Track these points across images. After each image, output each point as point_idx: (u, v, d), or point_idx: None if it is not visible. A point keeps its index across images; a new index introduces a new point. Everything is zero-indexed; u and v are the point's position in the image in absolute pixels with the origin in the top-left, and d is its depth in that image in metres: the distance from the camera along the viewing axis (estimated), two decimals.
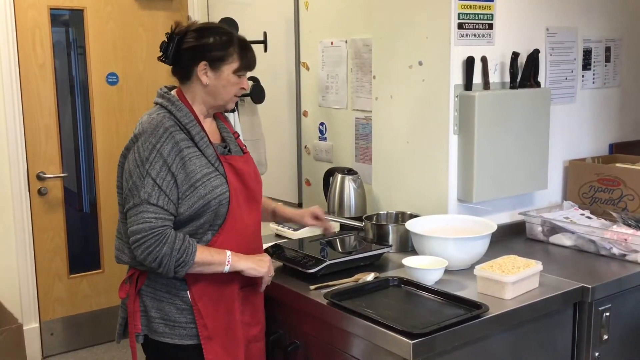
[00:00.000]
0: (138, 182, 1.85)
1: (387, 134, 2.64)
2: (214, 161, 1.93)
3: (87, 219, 4.15)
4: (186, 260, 1.83)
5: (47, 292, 3.89)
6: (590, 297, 2.04)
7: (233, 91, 1.98)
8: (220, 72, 1.94)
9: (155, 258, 1.83)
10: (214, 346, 1.94)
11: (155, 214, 1.84)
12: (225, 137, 2.06)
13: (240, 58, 1.96)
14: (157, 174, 1.85)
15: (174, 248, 1.82)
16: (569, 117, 2.76)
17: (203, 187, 1.88)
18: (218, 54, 1.93)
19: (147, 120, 1.92)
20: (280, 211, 2.33)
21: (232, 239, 1.95)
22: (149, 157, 1.85)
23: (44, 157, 3.82)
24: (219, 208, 1.91)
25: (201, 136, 1.94)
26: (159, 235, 1.83)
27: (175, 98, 1.97)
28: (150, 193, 1.84)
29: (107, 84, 3.98)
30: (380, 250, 2.26)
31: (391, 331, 1.71)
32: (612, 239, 2.31)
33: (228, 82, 1.96)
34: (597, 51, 2.83)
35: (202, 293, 1.93)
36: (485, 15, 2.40)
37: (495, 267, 1.98)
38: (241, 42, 1.98)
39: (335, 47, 3.15)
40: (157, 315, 1.95)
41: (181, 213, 1.88)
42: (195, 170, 1.88)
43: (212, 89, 1.96)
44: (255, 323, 2.06)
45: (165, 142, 1.86)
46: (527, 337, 1.97)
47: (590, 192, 2.67)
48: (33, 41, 3.73)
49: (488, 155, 2.38)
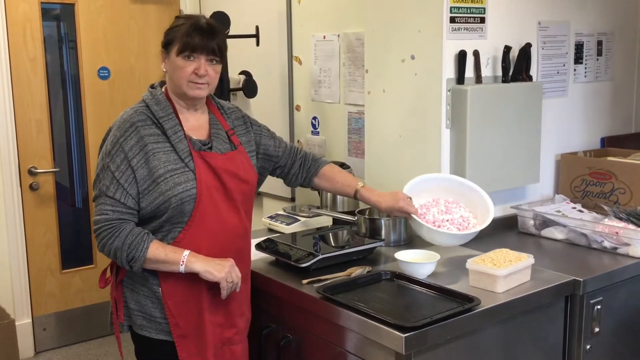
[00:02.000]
0: (100, 174, 1.89)
1: (380, 128, 2.64)
2: (184, 157, 1.90)
3: (79, 214, 4.14)
4: (136, 255, 1.83)
5: (39, 287, 3.88)
6: (581, 290, 2.05)
7: (183, 75, 1.91)
8: (170, 56, 1.93)
9: (109, 250, 1.86)
10: (188, 345, 1.93)
11: (112, 206, 1.85)
12: (213, 133, 2.01)
13: (182, 39, 1.89)
14: (117, 168, 1.86)
15: (124, 242, 1.83)
16: (561, 111, 2.77)
17: (164, 183, 1.85)
18: (168, 39, 1.94)
19: (121, 114, 1.95)
20: (365, 195, 2.20)
21: (202, 237, 1.90)
22: (111, 151, 1.88)
23: (35, 152, 3.81)
24: (182, 205, 1.87)
25: (175, 130, 1.91)
26: (112, 228, 1.85)
27: (159, 92, 1.97)
28: (108, 186, 1.86)
29: (99, 78, 3.96)
30: (372, 244, 2.26)
31: (383, 325, 1.72)
32: (603, 232, 2.32)
33: (175, 65, 1.92)
34: (589, 45, 2.83)
35: (173, 292, 1.91)
36: (477, 9, 2.40)
37: (487, 260, 1.99)
38: (194, 27, 1.90)
39: (328, 41, 3.15)
40: (135, 308, 1.96)
41: (143, 208, 1.87)
42: (158, 166, 1.86)
43: (169, 75, 1.96)
44: (229, 325, 2.00)
45: (130, 136, 1.87)
46: (518, 330, 1.98)
47: (582, 185, 2.68)
48: (24, 35, 3.70)
49: (480, 148, 2.38)
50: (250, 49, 3.38)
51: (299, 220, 2.67)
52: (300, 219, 2.67)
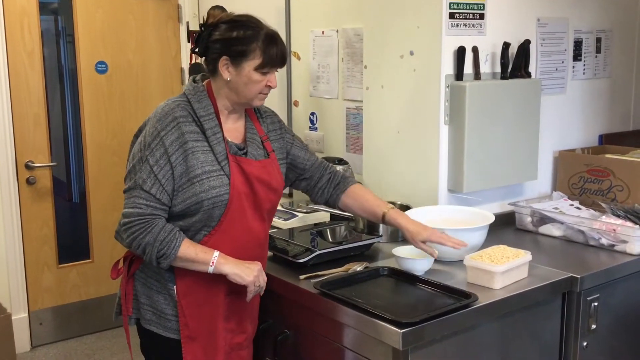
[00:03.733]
0: (137, 166, 1.84)
1: (378, 124, 2.63)
2: (221, 159, 1.87)
3: (76, 209, 4.13)
4: (167, 253, 1.81)
5: (36, 281, 3.87)
6: (578, 287, 2.05)
7: (256, 89, 1.89)
8: (241, 68, 1.86)
9: (138, 245, 1.82)
10: (195, 347, 1.92)
11: (146, 200, 1.82)
12: (249, 138, 1.97)
13: (262, 54, 1.85)
14: (156, 162, 1.82)
15: (157, 239, 1.80)
16: (559, 108, 2.77)
17: (200, 184, 1.83)
18: (239, 49, 1.85)
19: (162, 106, 1.90)
20: (392, 218, 2.07)
21: (226, 243, 1.88)
22: (151, 144, 1.83)
23: (32, 146, 3.79)
24: (212, 209, 1.85)
25: (214, 131, 1.88)
26: (145, 223, 1.81)
27: (202, 88, 1.92)
28: (145, 179, 1.82)
29: (97, 73, 3.95)
30: (370, 240, 2.26)
31: (381, 320, 1.72)
32: (600, 229, 2.33)
33: (249, 79, 1.87)
34: (588, 42, 2.83)
35: (188, 291, 1.90)
36: (476, 5, 2.39)
37: (485, 256, 1.99)
38: (267, 38, 1.87)
39: (327, 37, 3.14)
40: (146, 302, 1.95)
41: (174, 205, 1.85)
42: (195, 165, 1.83)
43: (234, 85, 1.89)
44: (240, 331, 2.00)
45: (171, 131, 1.83)
46: (515, 326, 1.98)
47: (580, 182, 2.68)
48: (21, 28, 3.69)
49: (478, 145, 2.38)
50: None
51: (297, 215, 2.67)
52: (298, 215, 2.67)
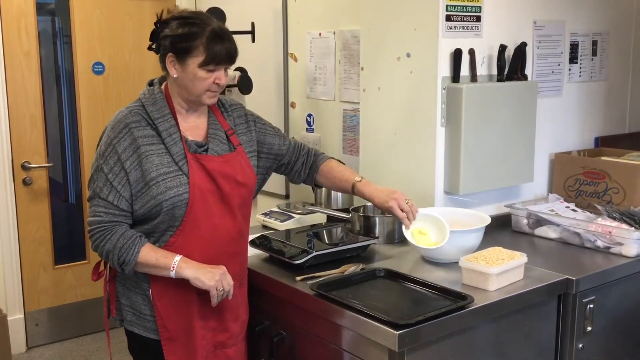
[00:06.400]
0: (94, 175, 1.87)
1: (375, 125, 2.64)
2: (179, 159, 1.86)
3: (72, 210, 4.13)
4: (127, 259, 1.82)
5: (31, 282, 3.87)
6: (574, 289, 2.05)
7: (203, 86, 1.86)
8: (186, 65, 1.84)
9: (101, 252, 1.86)
10: (175, 347, 1.92)
11: (105, 208, 1.84)
12: (211, 134, 1.95)
13: (205, 51, 1.82)
14: (110, 170, 1.84)
15: (116, 245, 1.82)
16: (556, 110, 2.77)
17: (156, 187, 1.82)
18: (183, 46, 1.83)
19: (116, 113, 1.91)
20: (361, 189, 2.11)
21: (194, 242, 1.88)
22: (104, 152, 1.86)
23: (29, 147, 3.79)
24: (173, 210, 1.84)
25: (170, 132, 1.87)
26: (105, 230, 1.84)
27: (157, 90, 1.92)
28: (102, 188, 1.84)
29: (93, 74, 3.95)
30: (367, 241, 2.26)
31: (377, 322, 1.72)
32: (596, 231, 2.33)
33: (195, 76, 1.84)
34: (584, 45, 2.84)
35: (162, 294, 1.90)
36: (473, 8, 2.40)
37: (480, 258, 1.99)
38: (213, 34, 1.83)
39: (324, 39, 3.14)
40: (126, 303, 1.96)
41: (136, 210, 1.86)
42: (150, 169, 1.83)
43: (182, 82, 1.88)
44: (222, 330, 1.98)
45: (123, 137, 1.84)
46: (511, 328, 1.98)
47: (576, 185, 2.69)
48: (18, 29, 3.69)
49: (475, 147, 2.39)
50: (245, 46, 3.35)
51: (293, 217, 2.67)
52: (295, 216, 2.67)
